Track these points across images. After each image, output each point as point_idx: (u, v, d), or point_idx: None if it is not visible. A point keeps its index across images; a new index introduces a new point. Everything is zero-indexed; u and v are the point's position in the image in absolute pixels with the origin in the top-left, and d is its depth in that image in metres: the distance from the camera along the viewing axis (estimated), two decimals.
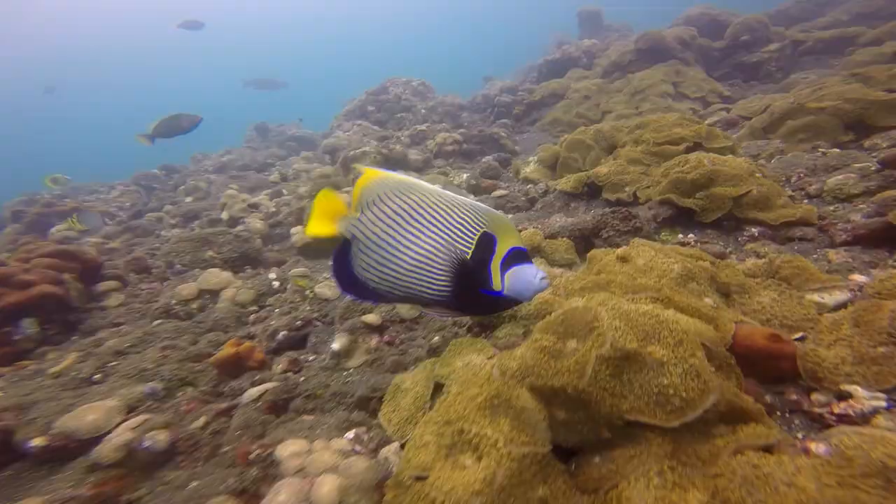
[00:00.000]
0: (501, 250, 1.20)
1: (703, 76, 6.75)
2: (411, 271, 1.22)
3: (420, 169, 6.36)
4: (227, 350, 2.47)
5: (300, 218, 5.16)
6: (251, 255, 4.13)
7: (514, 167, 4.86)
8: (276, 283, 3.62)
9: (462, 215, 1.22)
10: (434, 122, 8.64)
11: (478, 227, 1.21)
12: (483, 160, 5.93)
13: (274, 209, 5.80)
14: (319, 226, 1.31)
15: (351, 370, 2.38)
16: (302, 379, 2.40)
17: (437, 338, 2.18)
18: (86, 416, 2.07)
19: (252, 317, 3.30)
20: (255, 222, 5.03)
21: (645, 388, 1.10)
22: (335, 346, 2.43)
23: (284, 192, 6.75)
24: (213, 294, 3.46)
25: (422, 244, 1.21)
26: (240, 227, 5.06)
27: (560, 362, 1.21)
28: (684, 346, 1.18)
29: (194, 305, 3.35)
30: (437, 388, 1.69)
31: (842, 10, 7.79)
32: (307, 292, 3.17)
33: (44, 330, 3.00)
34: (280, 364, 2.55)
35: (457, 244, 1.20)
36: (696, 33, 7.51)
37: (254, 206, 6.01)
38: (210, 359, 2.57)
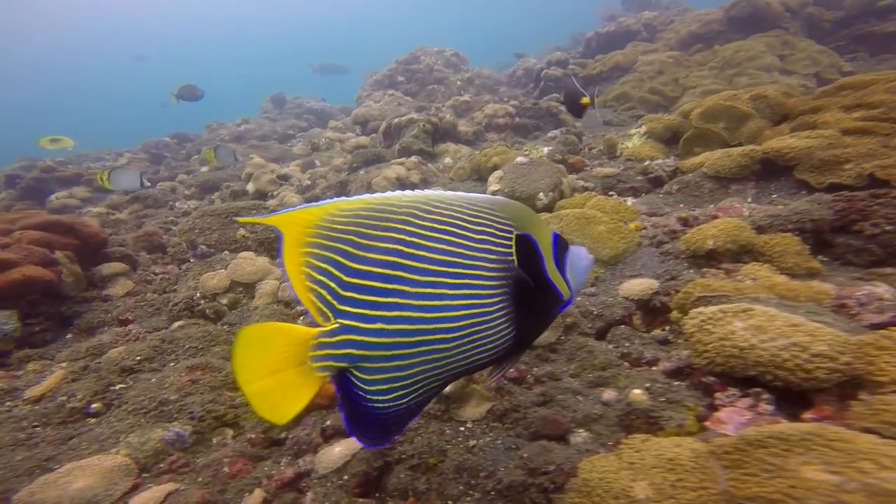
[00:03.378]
0: (546, 248, 0.86)
1: (818, 48, 5.72)
2: (456, 342, 0.77)
3: (471, 142, 5.49)
4: None
5: (342, 192, 4.33)
6: None
7: (606, 141, 3.98)
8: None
9: (481, 222, 0.80)
10: (473, 96, 7.78)
11: (508, 231, 0.82)
12: (550, 134, 5.03)
13: (308, 182, 4.99)
14: (281, 402, 0.74)
15: (470, 424, 1.57)
16: None
17: (638, 391, 1.34)
18: (71, 482, 1.29)
19: (301, 319, 2.50)
20: (291, 196, 4.21)
21: None
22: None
23: (317, 163, 5.94)
24: (247, 287, 2.65)
25: (457, 294, 0.76)
26: (273, 202, 4.26)
27: None
28: None
29: (224, 301, 2.55)
30: None
31: None
32: None
33: (26, 326, 2.22)
34: None
35: (498, 264, 0.80)
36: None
37: (283, 178, 5.21)
38: None
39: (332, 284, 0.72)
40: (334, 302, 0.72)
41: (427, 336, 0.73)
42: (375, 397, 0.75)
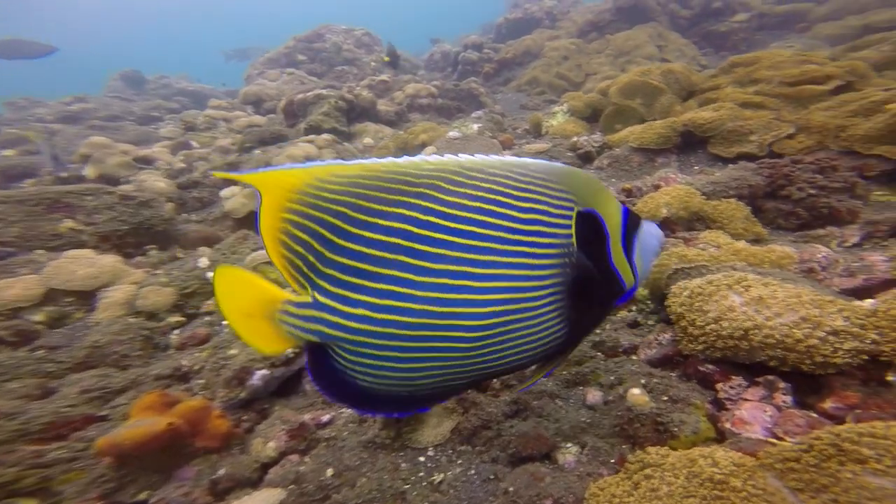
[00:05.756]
0: (614, 226, 0.73)
1: (684, 41, 6.44)
2: (482, 342, 0.66)
3: (393, 122, 5.04)
4: (147, 425, 1.13)
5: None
6: (156, 228, 2.52)
7: (531, 120, 3.90)
8: (212, 275, 2.15)
9: (531, 197, 0.67)
10: (392, 76, 7.33)
11: (567, 207, 0.69)
12: (474, 114, 4.85)
13: (183, 165, 4.02)
14: (260, 337, 0.70)
15: (431, 451, 1.22)
16: (330, 472, 1.18)
17: (637, 390, 1.10)
18: None
19: (175, 336, 1.87)
20: (156, 181, 3.28)
21: None
22: None
23: (195, 143, 4.86)
24: (82, 297, 1.89)
25: (486, 287, 0.64)
26: (128, 188, 3.28)
27: None
28: None
29: (38, 317, 1.77)
30: None
31: None
32: (288, 291, 1.83)
33: None
34: (273, 440, 1.28)
35: (551, 248, 0.67)
36: None
37: (144, 161, 4.13)
38: (99, 442, 1.19)
39: (311, 258, 0.65)
40: (312, 275, 0.66)
41: (437, 332, 0.64)
42: (359, 376, 0.68)
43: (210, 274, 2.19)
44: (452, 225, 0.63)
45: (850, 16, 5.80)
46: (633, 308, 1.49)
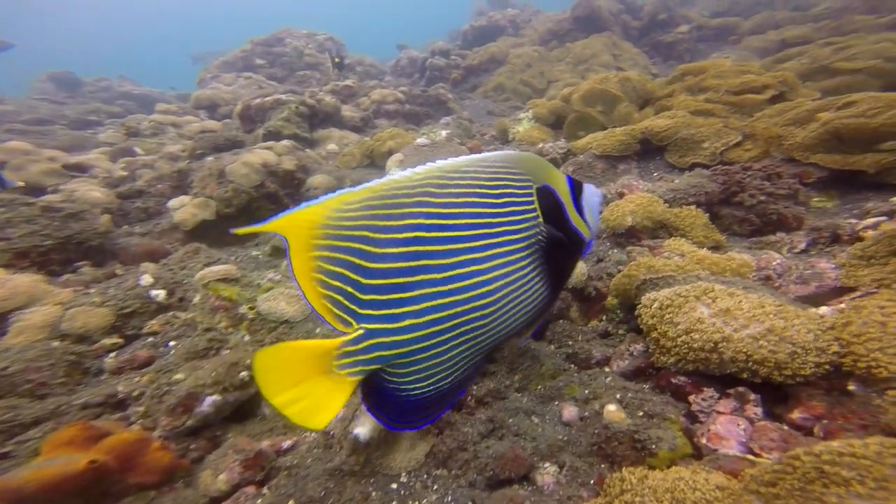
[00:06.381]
0: (564, 194, 0.87)
1: (636, 50, 6.76)
2: (494, 315, 0.77)
3: (359, 128, 4.92)
4: (60, 464, 0.99)
5: (181, 184, 3.29)
6: (88, 242, 2.27)
7: (498, 126, 3.92)
8: (157, 293, 1.96)
9: (500, 183, 0.79)
10: (357, 82, 7.19)
11: (527, 186, 0.82)
12: (442, 121, 4.82)
13: (124, 173, 3.69)
14: (313, 409, 0.71)
15: (404, 477, 1.14)
16: None
17: (613, 407, 1.08)
18: None
19: (110, 360, 1.68)
20: (91, 191, 2.98)
21: None
22: (361, 431, 1.13)
23: (139, 150, 4.49)
24: None
25: (489, 266, 0.76)
26: (54, 198, 2.95)
27: None
28: None
29: None
30: None
31: (701, 8, 8.22)
32: (243, 309, 1.68)
33: None
34: (225, 471, 1.15)
35: (524, 223, 0.79)
36: (623, 7, 7.57)
37: (77, 168, 3.76)
38: None
39: (350, 289, 0.69)
40: (355, 307, 0.70)
41: (463, 317, 0.73)
42: (413, 386, 0.75)
43: (155, 293, 1.99)
44: (451, 222, 0.72)
45: (770, 30, 6.36)
46: (604, 318, 1.49)
